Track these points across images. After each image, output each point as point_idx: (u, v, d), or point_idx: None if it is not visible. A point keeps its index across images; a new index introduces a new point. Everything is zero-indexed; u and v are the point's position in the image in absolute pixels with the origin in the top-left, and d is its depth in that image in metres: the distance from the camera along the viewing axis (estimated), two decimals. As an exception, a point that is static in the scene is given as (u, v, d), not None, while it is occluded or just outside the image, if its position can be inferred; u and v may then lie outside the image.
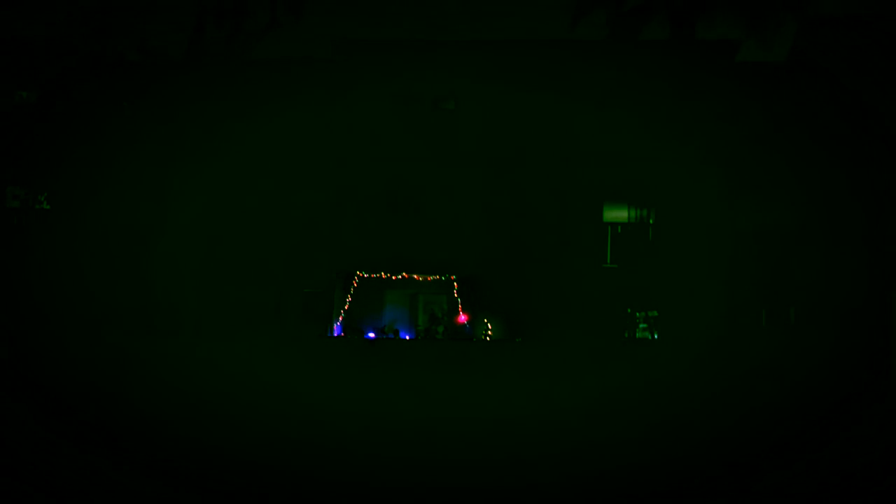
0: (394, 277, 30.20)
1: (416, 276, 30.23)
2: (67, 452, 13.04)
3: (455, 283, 29.91)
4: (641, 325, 30.31)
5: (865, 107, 28.42)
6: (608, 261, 30.31)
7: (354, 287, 30.13)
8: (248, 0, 29.23)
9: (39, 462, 12.21)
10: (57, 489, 10.78)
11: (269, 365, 25.74)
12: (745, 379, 26.05)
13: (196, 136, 30.76)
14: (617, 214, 30.32)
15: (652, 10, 27.85)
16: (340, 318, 30.04)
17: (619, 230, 30.31)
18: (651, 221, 30.17)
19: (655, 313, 30.06)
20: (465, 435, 15.41)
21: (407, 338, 30.16)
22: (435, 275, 30.23)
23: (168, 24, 28.80)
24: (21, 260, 30.67)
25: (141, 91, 30.42)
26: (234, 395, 19.55)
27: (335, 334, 29.84)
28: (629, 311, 30.15)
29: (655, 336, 29.92)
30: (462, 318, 29.67)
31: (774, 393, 24.24)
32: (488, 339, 29.47)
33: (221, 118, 30.74)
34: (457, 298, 29.82)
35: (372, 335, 29.87)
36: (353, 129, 30.86)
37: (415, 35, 30.98)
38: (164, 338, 28.43)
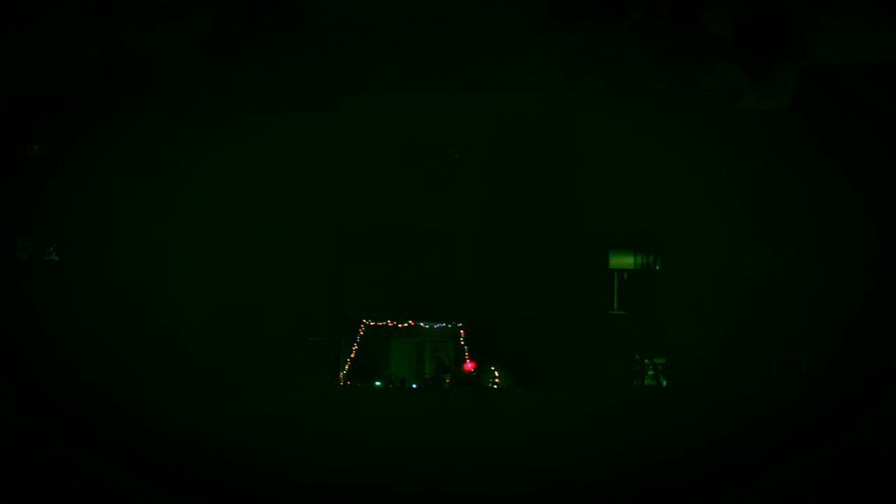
0: (400, 325, 30.19)
1: (422, 324, 30.22)
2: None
3: (461, 331, 29.85)
4: (650, 372, 30.11)
5: (868, 153, 28.44)
6: (615, 307, 30.23)
7: (361, 335, 30.12)
8: (254, 51, 29.60)
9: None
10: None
11: (275, 414, 25.64)
12: (753, 424, 25.78)
13: (199, 183, 30.97)
14: (623, 261, 30.29)
15: (653, 61, 28.08)
16: (347, 367, 29.98)
17: (626, 276, 30.27)
18: (657, 268, 30.12)
19: (664, 360, 29.87)
20: (469, 483, 15.30)
21: (414, 386, 30.06)
22: (442, 322, 30.21)
23: (174, 72, 29.24)
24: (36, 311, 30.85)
25: (144, 140, 30.73)
26: (236, 446, 19.48)
27: (342, 383, 29.77)
28: (637, 357, 29.97)
29: (664, 383, 29.72)
30: (469, 365, 29.55)
31: (782, 433, 23.97)
32: (496, 386, 29.33)
33: (225, 166, 30.99)
34: (463, 346, 29.74)
35: (379, 384, 29.78)
36: (360, 177, 31.05)
37: (419, 84, 31.25)
38: (166, 386, 28.42)
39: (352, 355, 29.99)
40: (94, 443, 17.77)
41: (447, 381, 29.90)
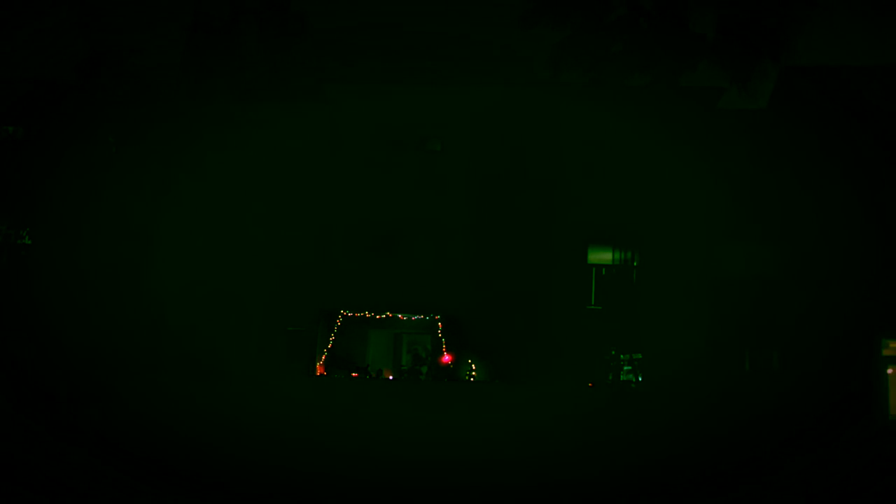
0: (378, 317, 30.12)
1: (400, 316, 30.16)
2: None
3: (439, 323, 29.83)
4: (626, 368, 30.26)
5: (852, 152, 28.73)
6: (592, 302, 30.34)
7: (338, 326, 30.01)
8: (238, 41, 29.40)
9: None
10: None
11: (258, 409, 25.39)
12: (728, 419, 25.94)
13: (180, 171, 30.76)
14: (601, 256, 30.41)
15: (634, 58, 28.16)
16: (324, 357, 29.86)
17: (604, 272, 30.39)
18: (635, 264, 30.27)
19: (640, 356, 30.03)
20: (443, 477, 15.24)
21: (390, 378, 29.99)
22: (419, 314, 30.17)
23: (158, 60, 28.97)
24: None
25: (127, 127, 30.46)
26: (214, 438, 19.25)
27: (318, 373, 29.64)
28: (613, 352, 30.12)
29: (640, 378, 29.88)
30: (446, 358, 29.55)
31: (758, 429, 24.13)
32: (472, 379, 29.34)
33: (205, 154, 30.75)
34: (441, 338, 29.73)
35: (355, 374, 29.67)
36: (340, 167, 30.93)
37: (401, 76, 31.17)
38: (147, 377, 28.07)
39: (329, 346, 29.89)
40: (70, 432, 17.48)
41: (423, 372, 29.90)
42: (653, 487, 14.17)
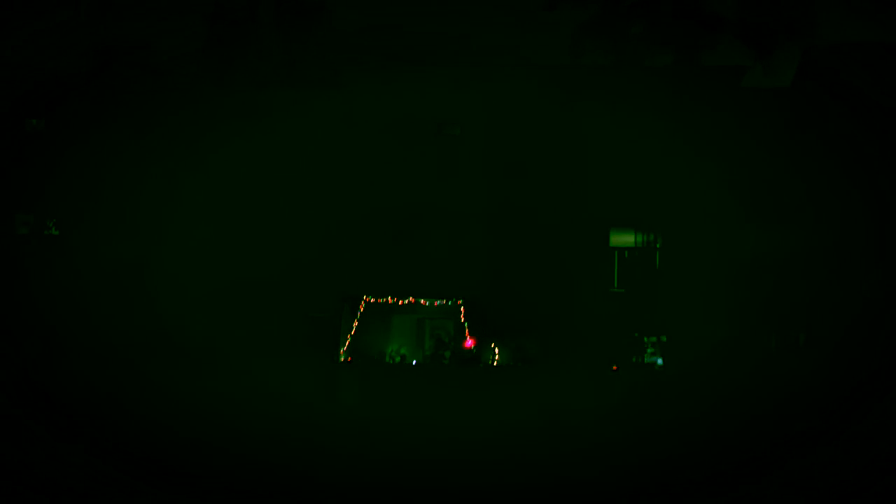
0: (400, 302, 30.19)
1: (422, 301, 30.21)
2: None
3: (462, 308, 29.84)
4: (649, 350, 30.11)
5: (872, 132, 28.17)
6: (615, 285, 30.18)
7: (361, 312, 30.14)
8: (257, 30, 29.39)
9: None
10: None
11: (279, 392, 25.50)
12: (752, 400, 25.72)
13: (200, 160, 30.89)
14: (624, 239, 30.20)
15: (656, 38, 27.88)
16: (347, 343, 30.02)
17: (626, 255, 30.19)
18: (658, 246, 30.01)
19: (664, 338, 29.85)
20: (469, 462, 15.24)
21: (414, 363, 30.11)
22: (442, 299, 30.20)
23: (176, 52, 29.16)
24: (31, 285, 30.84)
25: (147, 118, 30.65)
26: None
27: (342, 359, 29.82)
28: (636, 335, 29.97)
29: (664, 359, 29.72)
30: (469, 342, 29.58)
31: (783, 412, 23.90)
32: (495, 363, 29.36)
33: (225, 143, 30.86)
34: (463, 323, 29.75)
35: (379, 360, 29.83)
36: (358, 153, 30.94)
37: (419, 60, 30.98)
38: (173, 366, 28.38)
39: (352, 332, 30.03)
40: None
41: (447, 357, 29.95)
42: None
